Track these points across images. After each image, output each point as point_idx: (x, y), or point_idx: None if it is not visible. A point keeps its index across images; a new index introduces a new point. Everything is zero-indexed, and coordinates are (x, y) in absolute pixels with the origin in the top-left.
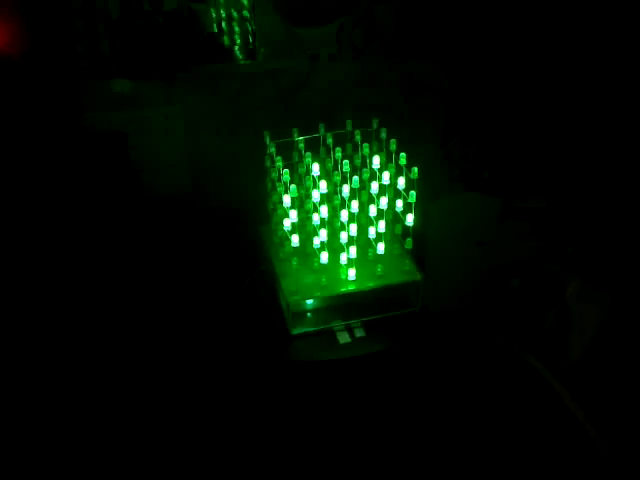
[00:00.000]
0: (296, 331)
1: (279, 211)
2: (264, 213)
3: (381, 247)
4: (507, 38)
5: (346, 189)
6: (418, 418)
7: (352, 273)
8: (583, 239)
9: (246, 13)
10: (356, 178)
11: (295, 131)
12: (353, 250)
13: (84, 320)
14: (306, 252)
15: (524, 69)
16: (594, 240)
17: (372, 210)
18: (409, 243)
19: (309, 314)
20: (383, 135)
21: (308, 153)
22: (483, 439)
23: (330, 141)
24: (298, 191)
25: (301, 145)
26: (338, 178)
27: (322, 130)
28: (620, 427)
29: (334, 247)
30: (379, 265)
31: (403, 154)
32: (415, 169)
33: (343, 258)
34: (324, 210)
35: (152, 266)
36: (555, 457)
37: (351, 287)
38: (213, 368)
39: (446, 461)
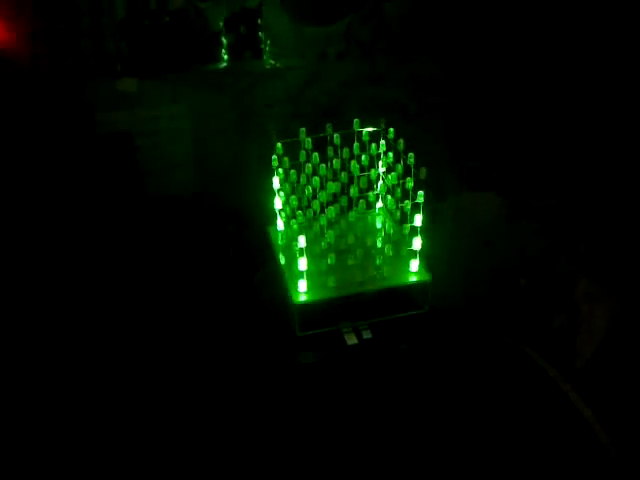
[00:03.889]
0: (302, 333)
1: (285, 211)
2: (271, 213)
3: (387, 247)
4: (515, 37)
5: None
6: (425, 419)
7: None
8: (594, 237)
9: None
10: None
11: (302, 130)
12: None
13: (86, 320)
14: (313, 253)
15: (532, 67)
16: (605, 238)
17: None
18: (417, 244)
19: (316, 315)
20: (391, 135)
21: (315, 153)
22: (491, 439)
23: (337, 141)
24: (303, 191)
25: (308, 145)
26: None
27: (329, 129)
28: (629, 428)
29: (340, 249)
30: (387, 266)
31: (411, 154)
32: (423, 169)
33: None
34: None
35: (157, 266)
36: (562, 458)
37: (359, 288)
38: (218, 369)
39: (452, 461)
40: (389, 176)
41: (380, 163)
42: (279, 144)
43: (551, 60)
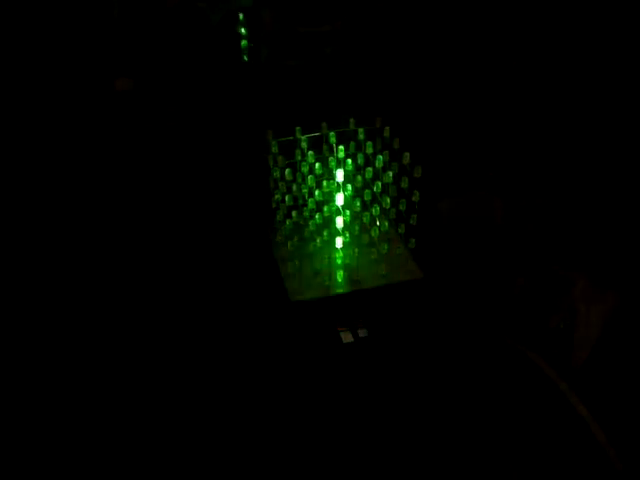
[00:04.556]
0: (299, 330)
1: (282, 210)
2: (267, 213)
3: (384, 247)
4: (511, 37)
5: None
6: (422, 418)
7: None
8: (591, 236)
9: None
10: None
11: (298, 129)
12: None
13: (84, 320)
14: (309, 252)
15: (528, 68)
16: (603, 238)
17: (375, 209)
18: (412, 242)
19: (312, 313)
20: (387, 133)
21: (311, 152)
22: (487, 439)
23: (333, 140)
24: (300, 190)
25: (304, 144)
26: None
27: (325, 129)
28: (627, 428)
29: (335, 247)
30: (382, 265)
31: (407, 153)
32: (419, 168)
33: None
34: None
35: (155, 266)
36: (559, 457)
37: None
38: (216, 367)
39: (449, 460)
40: (385, 175)
41: (376, 162)
42: (274, 143)
43: (549, 60)
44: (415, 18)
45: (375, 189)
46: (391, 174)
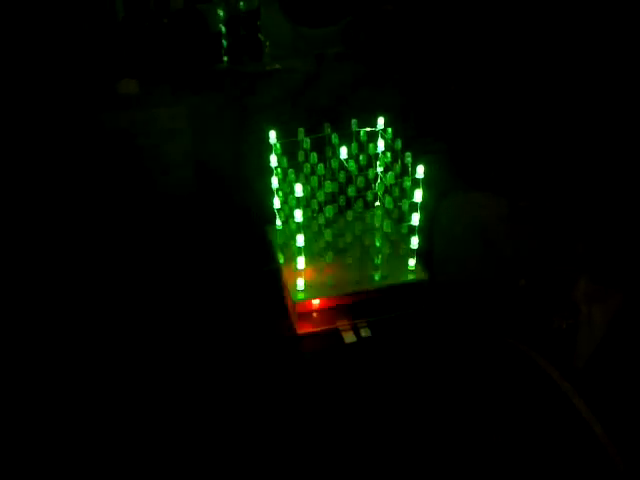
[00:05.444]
0: (302, 331)
1: (284, 211)
2: (270, 213)
3: (386, 246)
4: (511, 38)
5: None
6: (423, 418)
7: None
8: (594, 237)
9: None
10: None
11: (301, 131)
12: None
13: (85, 320)
14: (312, 252)
15: (529, 67)
16: (605, 238)
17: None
18: (415, 243)
19: (315, 314)
20: (389, 134)
21: (314, 153)
22: (488, 438)
23: (336, 141)
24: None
25: (306, 145)
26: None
27: (328, 130)
28: (628, 428)
29: (338, 247)
30: (385, 265)
31: (409, 153)
32: (421, 168)
33: None
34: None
35: (156, 265)
36: (561, 458)
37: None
38: (218, 368)
39: (449, 460)
40: (387, 175)
41: (378, 162)
42: (277, 144)
43: (550, 60)
44: (417, 20)
45: (377, 189)
46: (393, 174)
